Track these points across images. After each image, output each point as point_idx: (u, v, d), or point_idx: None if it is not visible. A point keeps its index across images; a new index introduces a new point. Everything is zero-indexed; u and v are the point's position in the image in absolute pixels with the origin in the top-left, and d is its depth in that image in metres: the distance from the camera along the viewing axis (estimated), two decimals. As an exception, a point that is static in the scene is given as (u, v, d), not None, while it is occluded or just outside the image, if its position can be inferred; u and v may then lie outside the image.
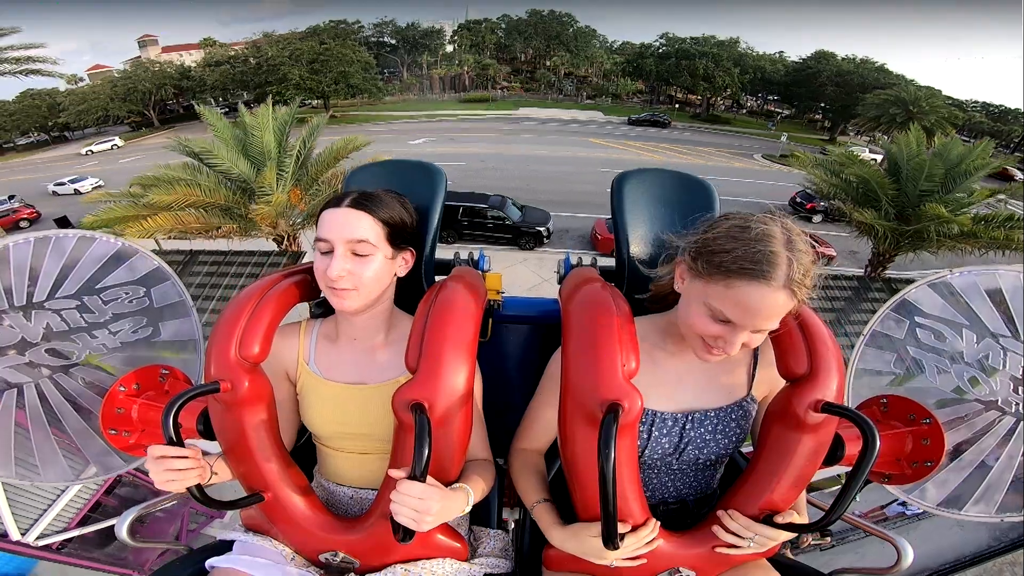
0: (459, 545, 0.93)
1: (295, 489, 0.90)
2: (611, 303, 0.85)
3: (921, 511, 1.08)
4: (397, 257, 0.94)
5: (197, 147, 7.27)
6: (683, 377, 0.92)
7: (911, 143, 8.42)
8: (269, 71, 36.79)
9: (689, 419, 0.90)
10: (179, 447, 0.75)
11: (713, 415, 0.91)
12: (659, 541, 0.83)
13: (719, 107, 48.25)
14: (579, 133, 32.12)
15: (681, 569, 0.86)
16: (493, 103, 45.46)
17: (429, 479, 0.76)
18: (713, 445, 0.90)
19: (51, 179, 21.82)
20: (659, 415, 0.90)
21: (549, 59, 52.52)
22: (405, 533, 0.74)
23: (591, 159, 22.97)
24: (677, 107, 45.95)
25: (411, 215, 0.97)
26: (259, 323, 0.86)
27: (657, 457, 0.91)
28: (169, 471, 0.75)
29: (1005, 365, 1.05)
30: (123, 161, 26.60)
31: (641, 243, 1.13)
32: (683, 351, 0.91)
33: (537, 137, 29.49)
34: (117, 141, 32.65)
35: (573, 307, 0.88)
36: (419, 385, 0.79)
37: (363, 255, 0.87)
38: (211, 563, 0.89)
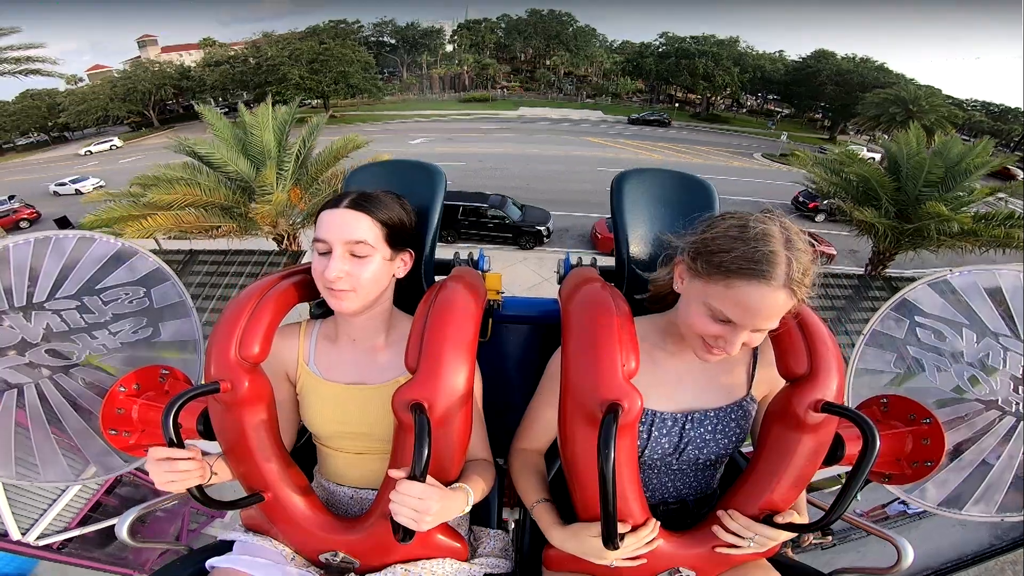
0: (459, 545, 0.93)
1: (295, 489, 0.90)
2: (611, 303, 0.85)
3: (923, 510, 1.08)
4: (396, 258, 0.94)
5: (197, 147, 7.27)
6: (683, 377, 0.92)
7: (911, 141, 8.42)
8: (269, 71, 36.71)
9: (689, 419, 0.90)
10: (180, 448, 0.75)
11: (713, 415, 0.91)
12: (659, 541, 0.83)
13: (719, 106, 48.16)
14: (579, 132, 32.08)
15: (681, 569, 0.86)
16: (493, 103, 45.40)
17: (429, 479, 0.76)
18: (713, 445, 0.90)
19: (51, 179, 21.80)
20: (659, 415, 0.90)
21: (549, 58, 52.46)
22: (405, 533, 0.74)
23: (591, 158, 22.93)
24: (677, 106, 45.87)
25: (410, 216, 0.97)
26: (259, 323, 0.85)
27: (657, 457, 0.91)
28: (170, 472, 0.75)
29: (1005, 364, 1.05)
30: (123, 161, 26.58)
31: (641, 243, 1.14)
32: (683, 351, 0.91)
33: (537, 136, 29.45)
34: (116, 141, 32.55)
35: (573, 307, 0.88)
36: (419, 385, 0.79)
37: (361, 256, 0.87)
38: (211, 563, 0.89)
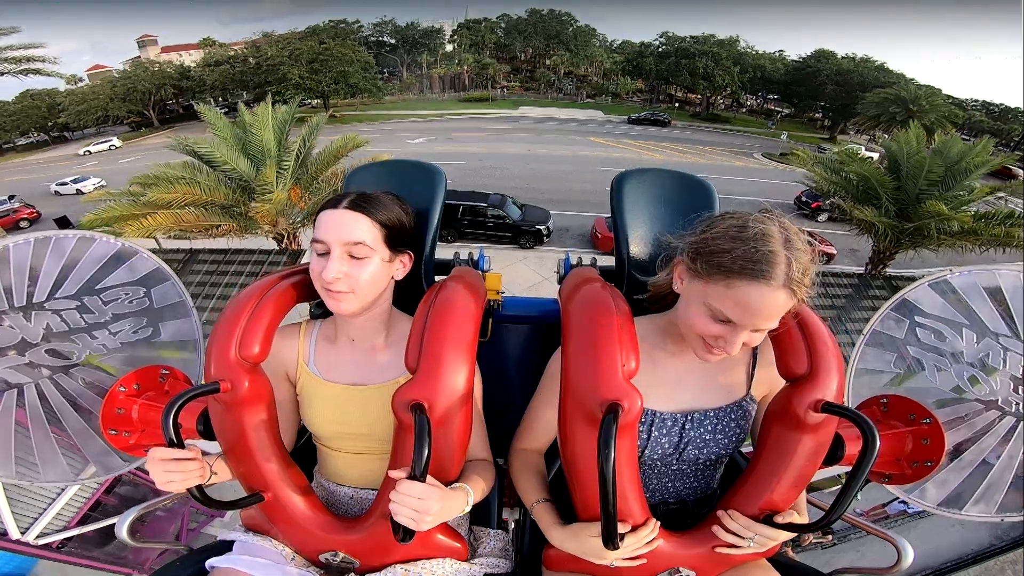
0: (459, 545, 0.93)
1: (295, 489, 0.90)
2: (611, 303, 0.85)
3: (922, 509, 1.08)
4: (395, 260, 0.93)
5: (197, 146, 7.27)
6: (683, 377, 0.92)
7: (911, 141, 8.42)
8: (269, 71, 36.68)
9: (689, 419, 0.90)
10: (180, 448, 0.75)
11: (713, 415, 0.91)
12: (659, 541, 0.83)
13: (719, 106, 48.14)
14: (579, 132, 32.05)
15: (681, 569, 0.86)
16: (493, 102, 45.37)
17: (429, 479, 0.76)
18: (713, 445, 0.90)
19: (51, 179, 21.79)
20: (659, 415, 0.90)
21: (549, 58, 52.44)
22: (405, 533, 0.74)
23: (591, 158, 22.94)
24: (677, 106, 45.89)
25: (410, 217, 0.96)
26: (259, 323, 0.85)
27: (657, 457, 0.91)
28: (170, 472, 0.75)
29: (1005, 364, 1.05)
30: (123, 161, 26.56)
31: (641, 243, 1.14)
32: (682, 351, 0.91)
33: (536, 136, 29.43)
34: (115, 142, 32.49)
35: (573, 307, 0.88)
36: (419, 385, 0.79)
37: (360, 258, 0.86)
38: (211, 563, 0.89)
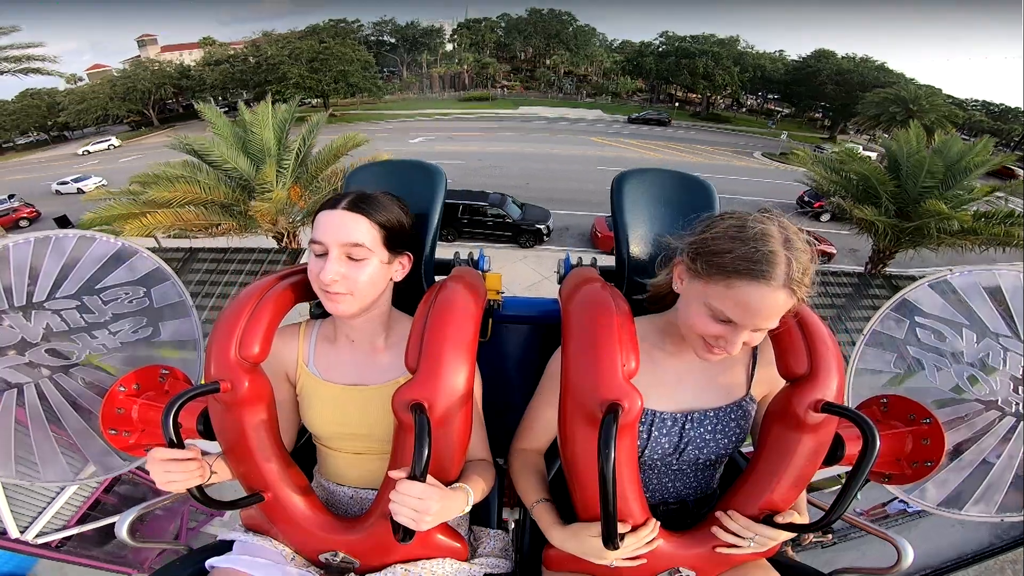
0: (459, 545, 0.93)
1: (295, 489, 0.90)
2: (611, 303, 0.85)
3: (922, 509, 1.08)
4: (394, 261, 0.92)
5: (197, 145, 7.27)
6: (683, 377, 0.92)
7: (911, 140, 8.43)
8: (269, 70, 36.62)
9: (689, 419, 0.90)
10: (180, 448, 0.75)
11: (713, 415, 0.91)
12: (659, 541, 0.83)
13: (719, 106, 48.09)
14: (579, 131, 32.05)
15: (681, 569, 0.86)
16: (493, 102, 45.35)
17: (429, 479, 0.75)
18: (713, 445, 0.90)
19: (51, 178, 21.77)
20: (659, 415, 0.90)
21: (549, 58, 52.40)
22: (405, 533, 0.74)
23: (591, 157, 22.93)
24: (677, 105, 45.83)
25: (409, 218, 0.95)
26: (259, 323, 0.85)
27: (657, 457, 0.91)
28: (170, 472, 0.75)
29: (1005, 364, 1.05)
30: (123, 160, 26.54)
31: (641, 243, 1.14)
32: (682, 351, 0.91)
33: (537, 135, 29.42)
34: (113, 141, 32.37)
35: (573, 307, 0.88)
36: (419, 385, 0.79)
37: (358, 259, 0.85)
38: (211, 563, 0.89)
